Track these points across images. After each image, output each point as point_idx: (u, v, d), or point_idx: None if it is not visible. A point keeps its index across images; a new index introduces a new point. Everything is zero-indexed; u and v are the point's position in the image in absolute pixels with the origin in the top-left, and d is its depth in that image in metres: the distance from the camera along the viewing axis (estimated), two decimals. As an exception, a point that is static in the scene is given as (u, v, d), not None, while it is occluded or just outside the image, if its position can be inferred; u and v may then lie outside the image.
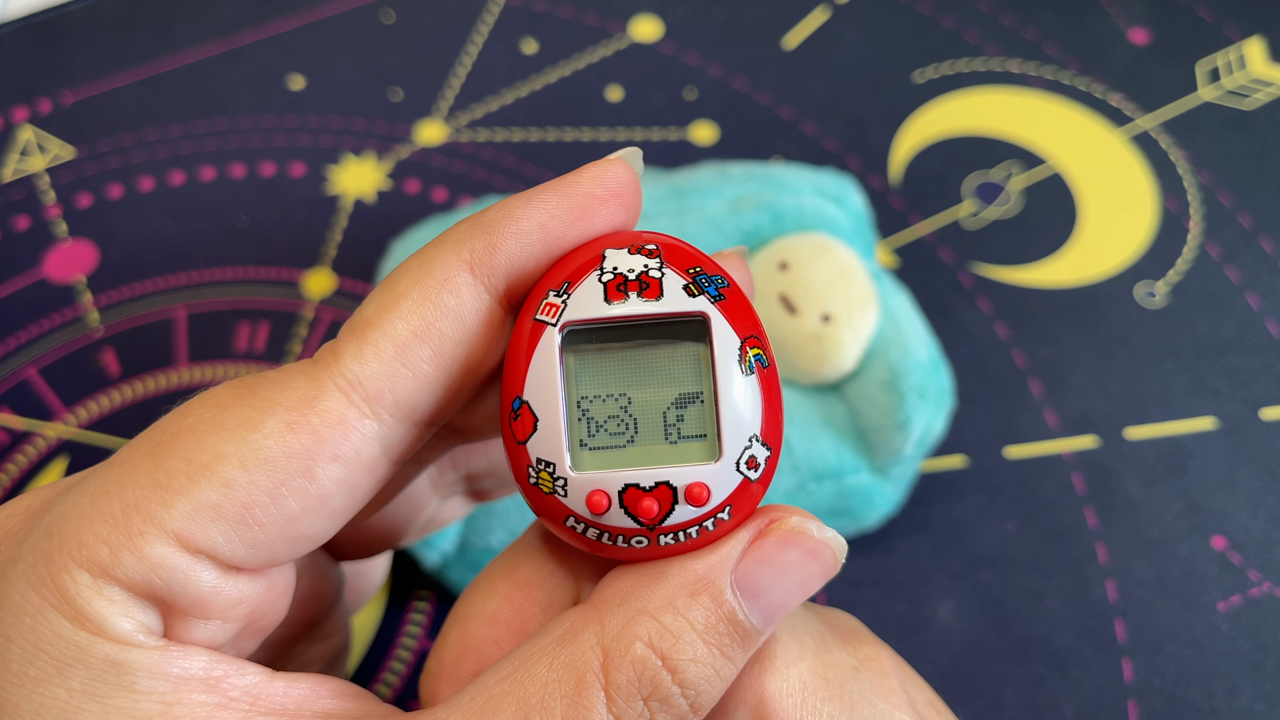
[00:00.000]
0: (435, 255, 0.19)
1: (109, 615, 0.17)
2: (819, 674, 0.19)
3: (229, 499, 0.17)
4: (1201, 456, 0.38)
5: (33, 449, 0.38)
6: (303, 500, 0.18)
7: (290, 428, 0.17)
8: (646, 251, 0.19)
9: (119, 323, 0.41)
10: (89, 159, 0.46)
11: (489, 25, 0.50)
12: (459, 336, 0.18)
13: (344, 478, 0.18)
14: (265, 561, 0.18)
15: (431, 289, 0.18)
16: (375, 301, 0.19)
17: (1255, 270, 0.42)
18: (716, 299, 0.18)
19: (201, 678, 0.17)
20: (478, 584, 0.21)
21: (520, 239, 0.19)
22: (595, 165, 0.20)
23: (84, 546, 0.17)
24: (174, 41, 0.50)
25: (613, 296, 0.18)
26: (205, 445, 0.17)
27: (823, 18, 0.51)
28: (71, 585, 0.17)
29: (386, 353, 0.18)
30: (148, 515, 0.17)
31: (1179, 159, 0.46)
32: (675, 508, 0.18)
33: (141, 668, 0.17)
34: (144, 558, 0.17)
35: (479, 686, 0.18)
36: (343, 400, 0.18)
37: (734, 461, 0.18)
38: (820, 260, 0.35)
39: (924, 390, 0.33)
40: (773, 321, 0.34)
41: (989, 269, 0.43)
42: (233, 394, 0.18)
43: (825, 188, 0.37)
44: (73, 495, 0.18)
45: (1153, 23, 0.51)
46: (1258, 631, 0.34)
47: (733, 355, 0.18)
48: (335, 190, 0.45)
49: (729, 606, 0.18)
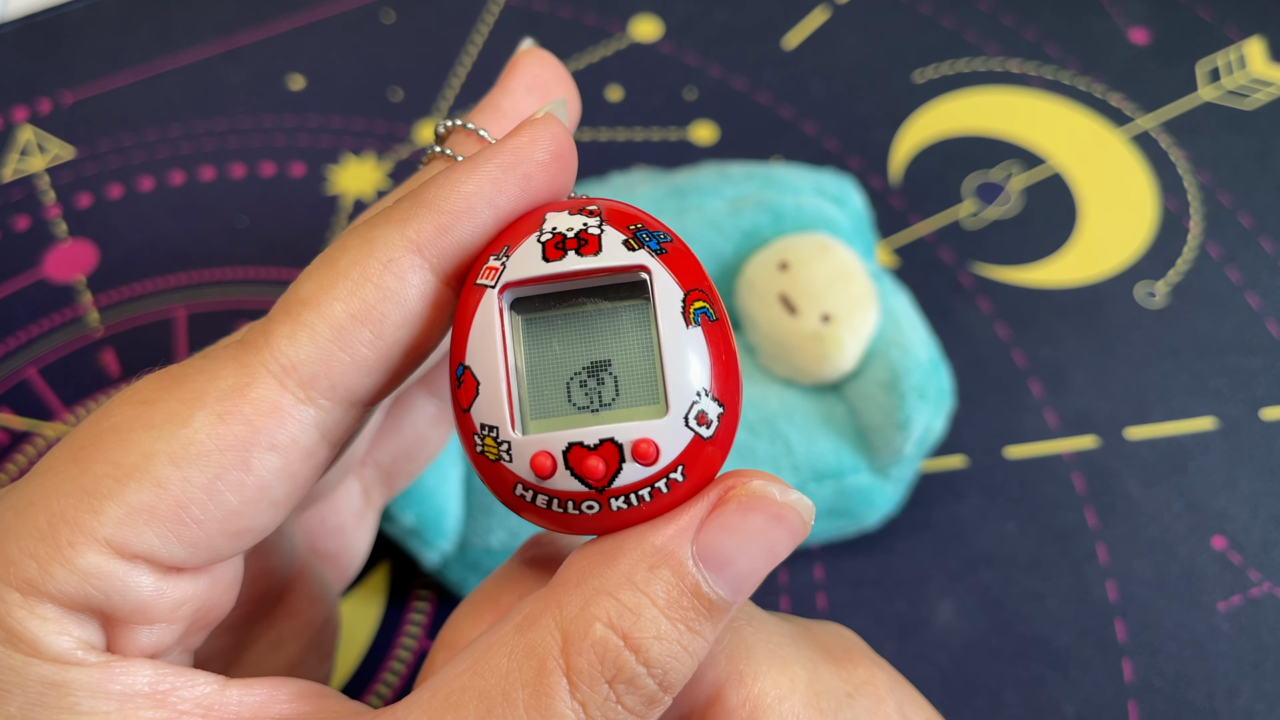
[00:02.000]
0: (379, 234, 0.18)
1: (43, 634, 0.16)
2: (812, 706, 0.19)
3: (162, 499, 0.16)
4: (1202, 456, 0.38)
5: (32, 449, 0.38)
6: (241, 494, 0.17)
7: (221, 419, 0.17)
8: (587, 212, 0.18)
9: (119, 323, 0.41)
10: (89, 159, 0.46)
11: (489, 25, 0.50)
12: (401, 319, 0.18)
13: (282, 467, 0.17)
14: (207, 559, 0.17)
15: (374, 270, 0.17)
16: (312, 279, 0.18)
17: (1255, 270, 0.42)
18: (657, 252, 0.18)
19: (148, 693, 0.16)
20: (464, 610, 0.21)
21: (471, 217, 0.18)
22: (529, 126, 0.19)
23: (10, 564, 0.16)
24: (174, 41, 0.50)
25: (551, 255, 0.17)
26: (132, 445, 0.16)
27: (823, 18, 0.51)
28: (1, 606, 0.16)
29: (323, 335, 0.17)
30: (76, 524, 0.16)
31: (1179, 159, 0.46)
32: (623, 466, 0.17)
33: (83, 687, 0.16)
34: (76, 569, 0.16)
35: (439, 681, 0.17)
36: (276, 386, 0.17)
37: (682, 416, 0.17)
38: (820, 260, 0.35)
39: (924, 390, 0.33)
40: (773, 321, 0.34)
41: (989, 269, 0.43)
42: (157, 388, 0.17)
43: (825, 188, 0.37)
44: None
45: (1153, 23, 0.51)
46: (1258, 631, 0.34)
47: (675, 308, 0.17)
48: (335, 190, 0.45)
49: (692, 578, 0.17)
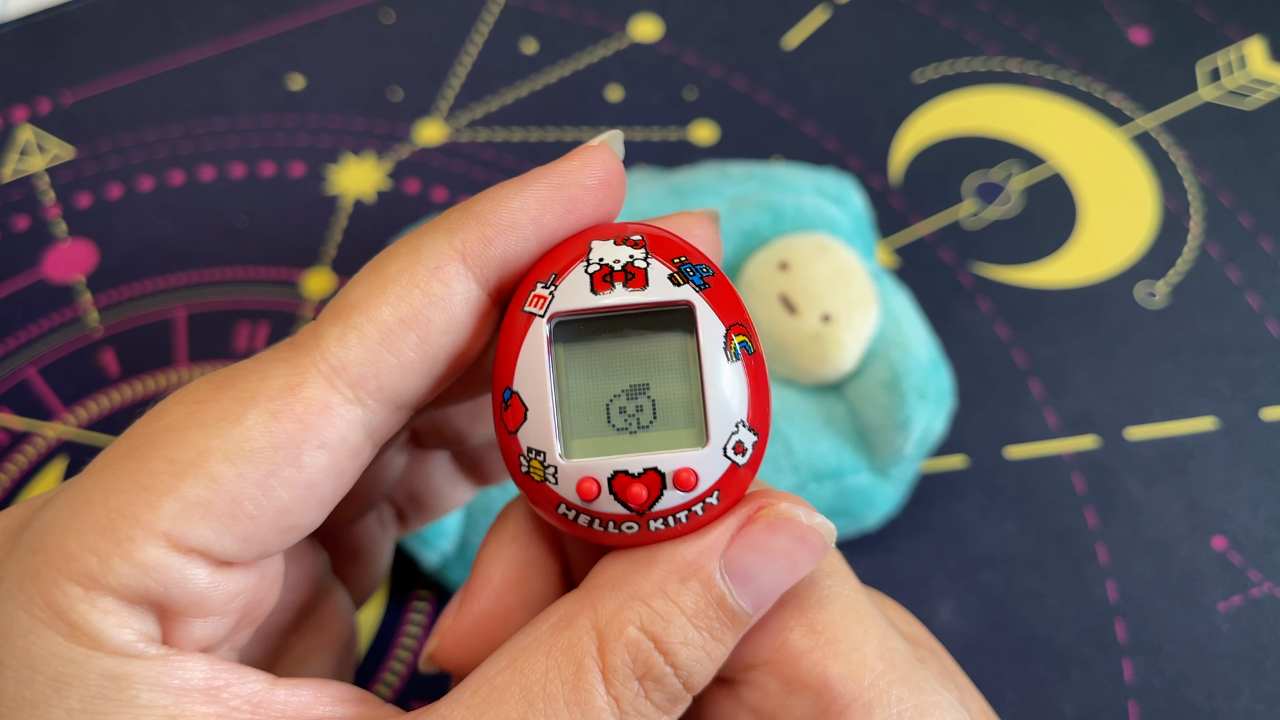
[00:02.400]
0: (426, 242, 0.18)
1: (105, 627, 0.16)
2: (885, 659, 0.19)
3: (217, 494, 0.17)
4: (1202, 457, 0.38)
5: (32, 449, 0.38)
6: (292, 490, 0.17)
7: (274, 417, 0.17)
8: (632, 242, 0.19)
9: (118, 323, 0.41)
10: (88, 159, 0.46)
11: (489, 25, 0.50)
12: (446, 325, 0.18)
13: (331, 464, 0.18)
14: (258, 554, 0.18)
15: (421, 276, 0.18)
16: (361, 285, 0.18)
17: (1256, 270, 0.42)
18: (701, 287, 0.18)
19: (202, 688, 0.17)
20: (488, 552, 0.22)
21: (515, 232, 0.19)
22: (582, 152, 0.19)
23: (72, 559, 0.16)
24: (173, 41, 0.50)
25: (599, 287, 0.18)
26: (187, 442, 0.17)
27: (823, 17, 0.51)
28: (63, 600, 0.16)
29: (371, 338, 0.18)
30: (135, 519, 0.16)
31: (1179, 159, 0.46)
32: (664, 493, 0.18)
33: (142, 681, 0.16)
34: (136, 563, 0.16)
35: (479, 678, 0.18)
36: (326, 386, 0.18)
37: (721, 447, 0.18)
38: (820, 260, 0.35)
39: (924, 390, 0.33)
40: (773, 321, 0.34)
41: (989, 269, 0.43)
42: (210, 388, 0.18)
43: (825, 187, 0.37)
44: (51, 509, 0.17)
45: (1153, 23, 0.51)
46: (1258, 632, 0.34)
47: (718, 342, 0.18)
48: (335, 190, 0.45)
49: (718, 591, 0.18)
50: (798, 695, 0.19)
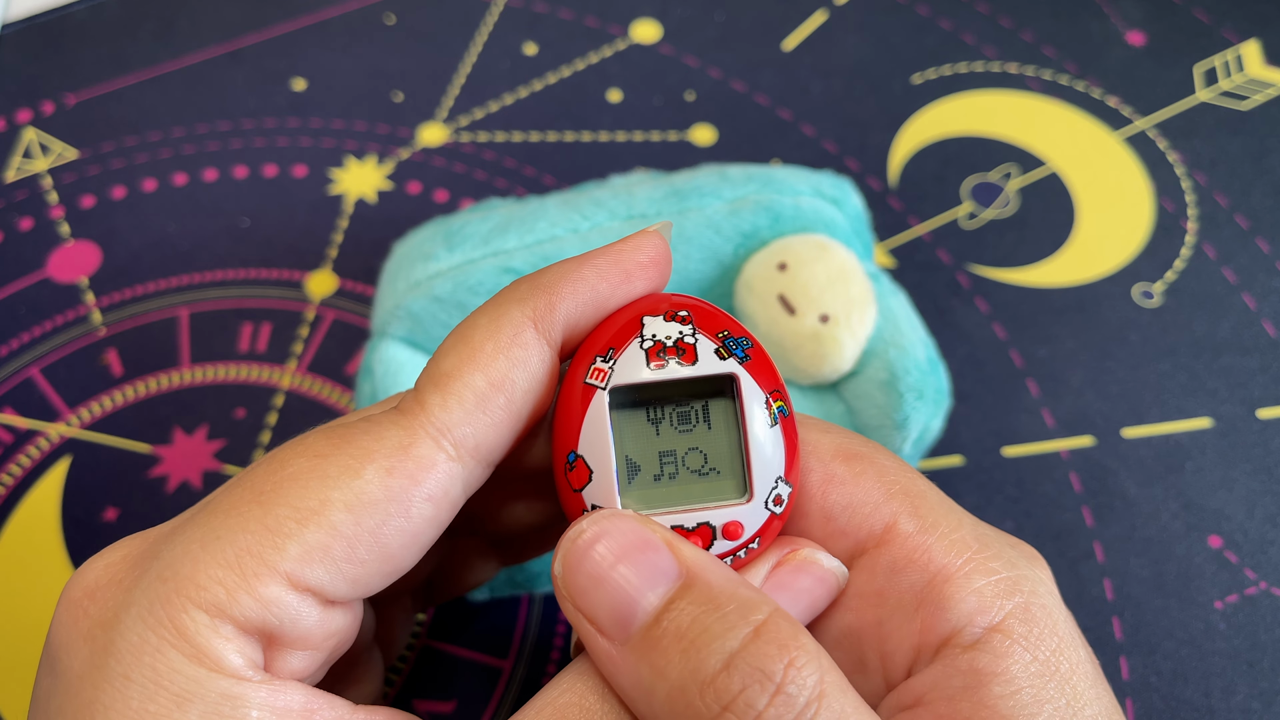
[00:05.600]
0: (503, 312, 0.21)
1: (225, 652, 0.18)
2: (979, 540, 0.21)
3: (336, 540, 0.19)
4: (1198, 456, 0.38)
5: (36, 449, 0.38)
6: (400, 539, 0.19)
7: (389, 472, 0.19)
8: (680, 319, 0.21)
9: (122, 323, 0.41)
10: (92, 160, 0.46)
11: (489, 27, 0.51)
12: (528, 385, 0.21)
13: (433, 515, 0.20)
14: (361, 594, 0.20)
15: (504, 343, 0.20)
16: (451, 354, 0.21)
17: (1252, 270, 0.43)
18: (744, 360, 0.21)
19: (299, 710, 0.19)
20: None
21: (576, 298, 0.21)
22: (636, 236, 0.23)
23: (201, 588, 0.18)
24: (176, 43, 0.50)
25: (654, 362, 0.21)
26: (310, 492, 0.19)
27: (821, 20, 0.51)
28: (190, 624, 0.18)
29: (469, 402, 0.20)
30: (260, 558, 0.18)
31: (1176, 160, 0.46)
32: (714, 543, 0.21)
33: (253, 701, 0.18)
34: (259, 597, 0.18)
35: (544, 699, 0.20)
36: (433, 446, 0.20)
37: (763, 501, 0.21)
38: (819, 261, 0.35)
39: (922, 390, 0.33)
40: (771, 322, 0.34)
41: (987, 270, 0.43)
42: (328, 443, 0.20)
43: (824, 189, 0.38)
44: (180, 542, 0.19)
45: (1150, 25, 0.51)
46: (1254, 630, 0.34)
47: (760, 408, 0.21)
48: (337, 191, 0.45)
49: None
50: (903, 573, 0.21)
